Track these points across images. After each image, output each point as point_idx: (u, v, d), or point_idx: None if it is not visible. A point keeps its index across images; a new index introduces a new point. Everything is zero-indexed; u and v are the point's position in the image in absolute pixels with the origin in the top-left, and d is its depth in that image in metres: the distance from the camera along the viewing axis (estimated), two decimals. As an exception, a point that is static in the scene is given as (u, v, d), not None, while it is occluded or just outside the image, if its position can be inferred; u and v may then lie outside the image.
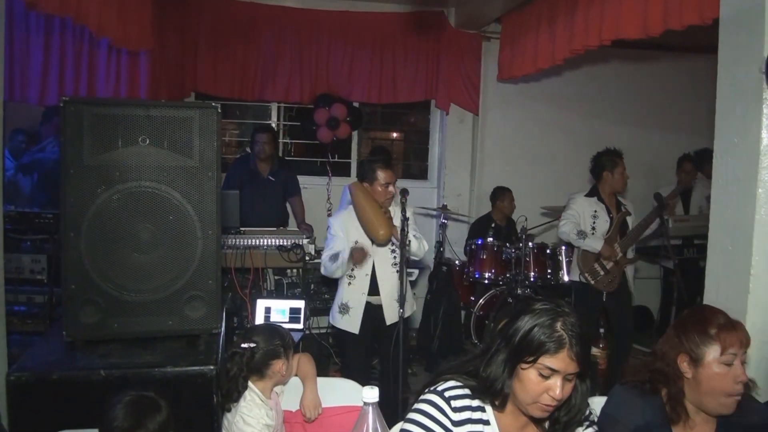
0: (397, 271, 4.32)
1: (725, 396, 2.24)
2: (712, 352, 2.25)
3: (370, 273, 4.39)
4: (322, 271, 4.54)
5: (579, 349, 1.91)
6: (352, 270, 4.41)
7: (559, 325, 1.92)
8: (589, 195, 5.56)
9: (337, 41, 7.40)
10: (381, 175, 4.33)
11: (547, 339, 1.91)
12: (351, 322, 4.43)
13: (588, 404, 2.12)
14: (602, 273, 5.39)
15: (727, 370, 2.23)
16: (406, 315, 4.38)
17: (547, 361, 1.90)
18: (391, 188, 4.34)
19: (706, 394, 2.27)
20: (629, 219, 5.53)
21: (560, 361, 1.90)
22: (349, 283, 4.45)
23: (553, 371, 1.90)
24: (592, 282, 5.41)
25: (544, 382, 1.91)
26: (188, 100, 7.03)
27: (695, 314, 2.39)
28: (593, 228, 5.44)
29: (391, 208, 4.45)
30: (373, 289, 4.41)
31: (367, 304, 4.42)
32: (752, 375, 2.40)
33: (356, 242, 4.37)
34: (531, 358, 1.92)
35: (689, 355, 2.29)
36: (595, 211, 5.46)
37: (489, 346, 2.07)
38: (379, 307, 4.41)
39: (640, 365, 2.45)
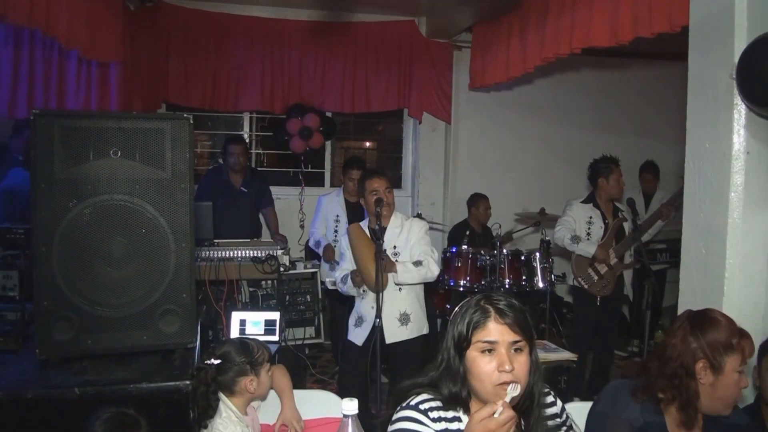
0: (400, 290, 4.35)
1: (732, 402, 2.29)
2: (732, 362, 2.26)
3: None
4: (338, 289, 4.61)
5: (510, 317, 1.92)
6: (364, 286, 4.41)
7: (482, 302, 1.98)
8: (585, 201, 5.63)
9: (309, 51, 7.40)
10: (367, 186, 4.36)
11: (472, 315, 1.95)
12: (360, 334, 4.42)
13: (547, 389, 2.14)
14: (596, 278, 5.43)
15: (738, 378, 2.26)
16: (413, 336, 4.41)
17: (480, 335, 1.93)
18: (380, 194, 4.32)
19: (717, 400, 2.29)
20: (626, 225, 5.57)
21: (492, 330, 1.92)
22: (362, 298, 4.46)
23: (492, 343, 1.91)
24: (586, 287, 5.45)
25: (491, 361, 1.90)
26: (160, 112, 6.99)
27: (711, 320, 2.36)
28: (588, 234, 5.49)
29: (398, 222, 4.46)
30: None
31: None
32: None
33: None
34: (466, 342, 1.95)
35: (710, 362, 2.27)
36: (590, 217, 5.52)
37: (439, 355, 2.08)
38: (380, 321, 4.38)
39: (652, 367, 2.39)
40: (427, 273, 4.28)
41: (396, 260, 4.27)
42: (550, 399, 2.14)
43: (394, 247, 4.35)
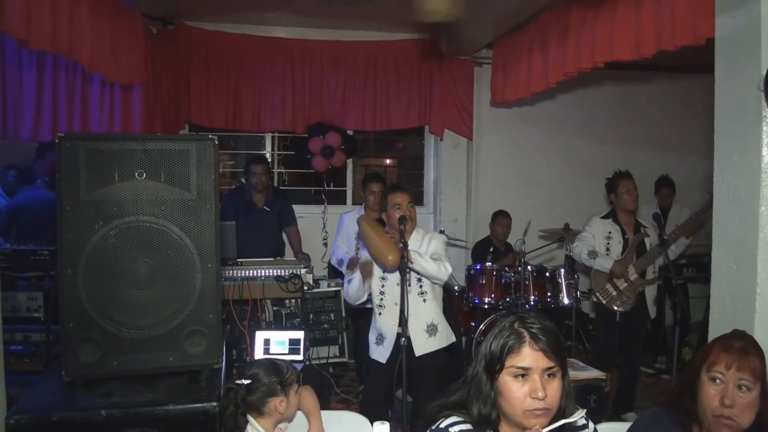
0: (425, 300, 4.32)
1: (711, 415, 2.23)
2: (704, 367, 2.28)
3: (399, 302, 4.32)
4: (348, 300, 4.56)
5: (545, 342, 1.89)
6: (381, 300, 4.37)
7: (516, 324, 1.94)
8: (605, 217, 5.60)
9: (330, 70, 7.44)
10: (390, 200, 4.35)
11: (506, 339, 1.92)
12: (383, 352, 4.37)
13: (575, 406, 2.06)
14: (614, 293, 5.38)
15: (715, 388, 2.23)
16: (442, 345, 4.38)
17: (514, 360, 1.89)
18: (403, 208, 4.30)
19: (701, 409, 2.28)
20: (647, 240, 5.52)
21: (526, 356, 1.88)
22: (380, 314, 4.40)
23: (525, 369, 1.88)
24: (604, 302, 5.41)
25: (523, 386, 1.88)
26: (183, 133, 7.03)
27: (725, 334, 2.40)
28: (607, 249, 5.45)
29: (419, 236, 4.43)
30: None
31: (398, 334, 4.34)
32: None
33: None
34: (499, 365, 1.91)
35: (697, 368, 2.32)
36: (609, 233, 5.49)
37: (468, 374, 2.06)
38: (408, 337, 4.33)
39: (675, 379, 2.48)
40: (441, 267, 4.20)
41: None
42: (582, 422, 2.10)
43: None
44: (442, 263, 4.25)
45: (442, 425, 2.00)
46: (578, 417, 1.94)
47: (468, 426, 1.98)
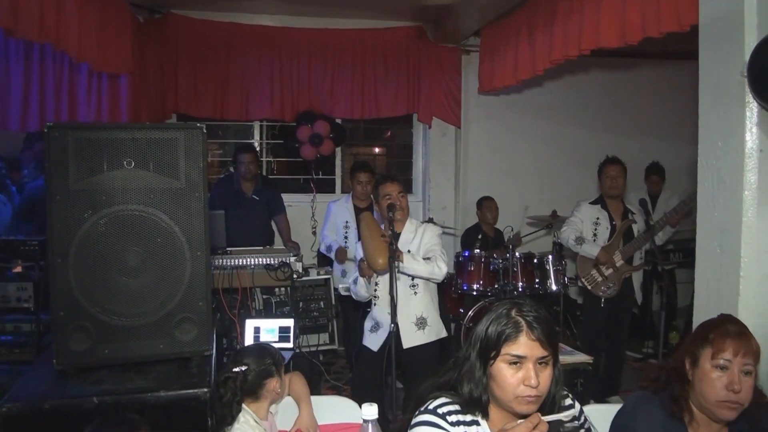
0: (415, 293, 4.32)
1: (716, 401, 2.25)
2: (706, 354, 2.28)
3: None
4: (354, 297, 4.61)
5: (540, 332, 1.92)
6: (375, 290, 4.37)
7: (513, 312, 1.97)
8: (593, 203, 5.65)
9: (318, 58, 7.43)
10: (381, 191, 4.36)
11: (504, 327, 1.94)
12: (375, 340, 4.38)
13: (566, 392, 2.13)
14: (599, 279, 5.43)
15: (720, 375, 2.24)
16: (431, 340, 4.37)
17: (510, 348, 1.92)
18: (393, 198, 4.30)
19: (701, 397, 2.29)
20: (635, 227, 5.56)
21: (522, 345, 1.91)
22: (375, 303, 4.41)
23: (520, 357, 1.91)
24: (589, 287, 5.47)
25: (516, 373, 1.91)
26: (171, 122, 7.01)
27: (713, 319, 2.42)
28: (595, 235, 5.51)
29: (413, 228, 4.43)
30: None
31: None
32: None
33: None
34: (494, 352, 1.94)
35: (691, 356, 2.33)
36: (597, 218, 5.54)
37: (460, 356, 2.09)
38: (396, 324, 4.35)
39: (658, 365, 2.48)
40: (434, 269, 4.19)
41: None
42: (568, 402, 2.14)
43: (408, 251, 4.31)
44: (436, 263, 4.22)
45: (431, 406, 2.03)
46: (570, 416, 1.98)
47: (456, 407, 2.02)
